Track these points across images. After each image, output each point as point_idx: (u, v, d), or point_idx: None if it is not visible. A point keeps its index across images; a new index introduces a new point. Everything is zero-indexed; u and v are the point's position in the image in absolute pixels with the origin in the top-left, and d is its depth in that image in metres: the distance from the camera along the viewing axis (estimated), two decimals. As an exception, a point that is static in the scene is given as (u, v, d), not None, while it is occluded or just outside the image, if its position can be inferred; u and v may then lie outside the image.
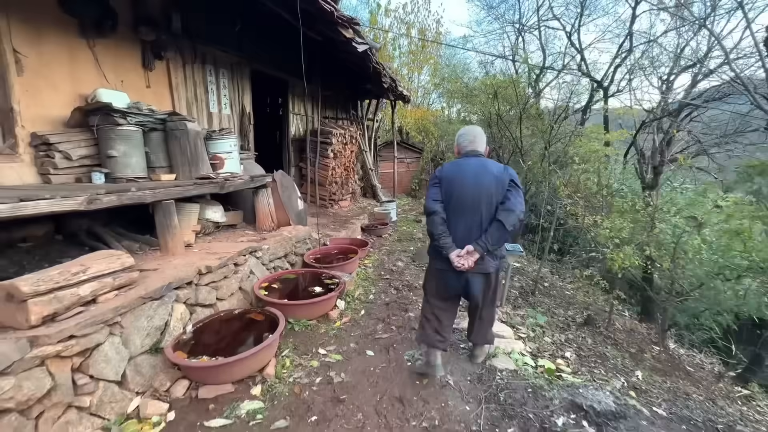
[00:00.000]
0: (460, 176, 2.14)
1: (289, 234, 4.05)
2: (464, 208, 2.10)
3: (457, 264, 2.07)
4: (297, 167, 7.16)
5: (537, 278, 4.81)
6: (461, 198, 2.10)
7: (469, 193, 2.09)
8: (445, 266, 2.17)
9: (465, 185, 2.10)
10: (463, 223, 2.11)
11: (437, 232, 2.13)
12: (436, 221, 2.13)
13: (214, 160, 3.85)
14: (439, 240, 2.13)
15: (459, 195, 2.11)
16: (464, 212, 2.11)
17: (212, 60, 4.85)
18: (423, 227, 6.98)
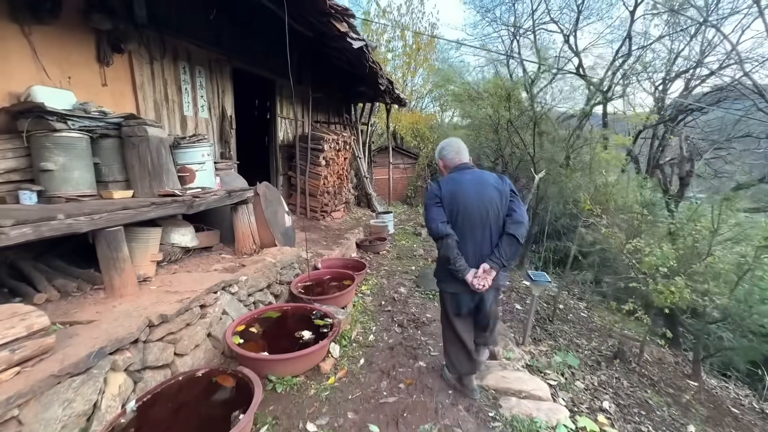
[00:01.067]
0: (462, 192, 2.03)
1: (272, 259, 3.43)
2: (472, 226, 2.02)
3: (478, 286, 1.96)
4: (285, 176, 6.55)
5: (556, 305, 4.27)
6: (467, 215, 2.01)
7: (475, 209, 2.01)
8: (458, 289, 2.09)
9: (469, 202, 2.01)
10: (472, 241, 2.03)
11: (453, 255, 1.99)
12: (451, 245, 1.98)
13: (182, 173, 3.23)
14: (455, 264, 1.99)
15: (465, 213, 2.01)
16: (473, 230, 2.02)
17: (186, 55, 4.23)
18: (423, 241, 6.43)
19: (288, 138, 6.56)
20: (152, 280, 2.65)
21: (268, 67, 5.68)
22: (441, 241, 2.01)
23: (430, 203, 2.10)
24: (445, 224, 2.01)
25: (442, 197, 2.05)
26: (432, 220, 2.04)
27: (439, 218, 2.03)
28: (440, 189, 2.08)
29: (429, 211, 2.08)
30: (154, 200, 2.57)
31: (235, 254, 3.63)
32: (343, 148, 7.09)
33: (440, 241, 2.02)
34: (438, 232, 2.01)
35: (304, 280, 3.66)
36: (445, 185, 2.08)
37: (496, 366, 2.56)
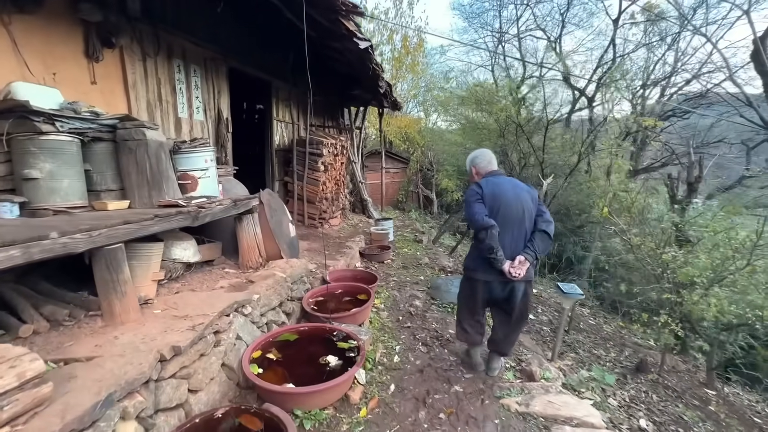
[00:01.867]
0: (503, 193, 2.31)
1: (282, 273, 3.16)
2: (511, 222, 2.28)
3: (515, 274, 2.22)
4: (282, 182, 6.25)
5: (572, 314, 4.14)
6: (507, 213, 2.28)
7: (513, 208, 2.29)
8: (492, 277, 2.33)
9: (509, 201, 2.30)
10: (510, 236, 2.28)
11: (496, 245, 2.22)
12: (495, 235, 2.22)
13: (183, 180, 2.94)
14: (496, 253, 2.22)
15: (505, 210, 2.28)
16: (511, 226, 2.28)
17: (181, 53, 3.92)
18: (426, 249, 6.24)
19: (284, 142, 6.26)
20: (154, 302, 2.34)
21: (264, 68, 5.40)
22: (485, 232, 2.22)
23: (471, 200, 2.33)
24: (489, 218, 2.25)
25: (484, 195, 2.31)
26: (476, 213, 2.26)
27: (483, 212, 2.27)
28: (481, 189, 2.34)
29: (472, 206, 2.31)
30: (158, 212, 2.27)
31: (239, 268, 3.33)
32: (341, 152, 6.85)
33: (484, 232, 2.22)
34: (483, 224, 2.23)
35: (316, 296, 3.40)
36: (486, 186, 2.34)
37: (537, 389, 2.38)
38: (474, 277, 2.41)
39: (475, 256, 2.41)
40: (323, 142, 6.03)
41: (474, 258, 2.43)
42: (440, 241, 7.43)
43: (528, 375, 2.59)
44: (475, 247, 2.42)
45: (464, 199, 2.47)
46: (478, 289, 2.41)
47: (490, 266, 2.27)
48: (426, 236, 6.83)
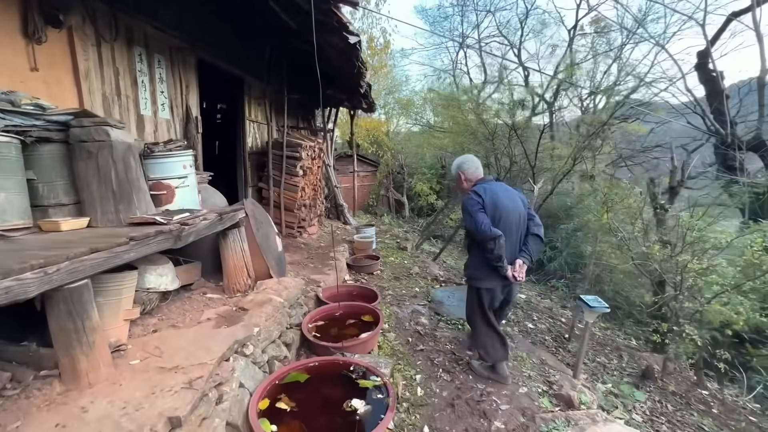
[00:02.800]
0: (499, 201, 2.35)
1: (277, 296, 2.72)
2: (510, 229, 2.34)
3: (519, 278, 2.33)
4: (255, 188, 5.69)
5: (574, 323, 4.05)
6: (506, 220, 2.33)
7: (512, 215, 2.36)
8: (494, 284, 2.40)
9: (508, 209, 2.35)
10: (509, 242, 2.32)
11: (503, 253, 2.26)
12: (503, 245, 2.24)
13: (157, 190, 2.42)
14: (502, 261, 2.27)
15: (505, 218, 2.33)
16: (510, 233, 2.33)
17: (143, 39, 3.34)
18: (413, 257, 5.97)
19: (257, 145, 5.72)
20: (128, 348, 1.84)
21: (237, 62, 4.86)
22: (494, 242, 2.23)
23: (475, 209, 2.32)
24: (495, 228, 2.27)
25: (485, 205, 2.32)
26: (482, 224, 2.27)
27: (488, 221, 2.28)
28: (482, 197, 2.34)
29: (476, 216, 2.30)
30: (132, 233, 1.77)
31: (223, 292, 2.85)
32: (318, 155, 6.41)
33: (493, 242, 2.23)
34: (492, 234, 2.24)
35: (315, 319, 2.99)
36: (485, 195, 2.36)
37: (583, 418, 2.17)
38: (482, 286, 2.43)
39: (480, 264, 2.40)
40: (302, 144, 5.58)
41: (479, 266, 2.42)
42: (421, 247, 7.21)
43: (566, 401, 2.38)
44: (477, 255, 2.41)
45: (464, 208, 2.42)
46: (486, 298, 2.44)
47: (495, 273, 2.34)
48: (410, 243, 6.57)
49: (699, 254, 3.41)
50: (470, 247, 2.55)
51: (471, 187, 2.49)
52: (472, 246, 2.51)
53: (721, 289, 3.20)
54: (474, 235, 2.36)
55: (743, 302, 3.13)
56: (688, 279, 3.42)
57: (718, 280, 3.22)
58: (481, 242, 2.31)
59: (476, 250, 2.41)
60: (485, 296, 2.43)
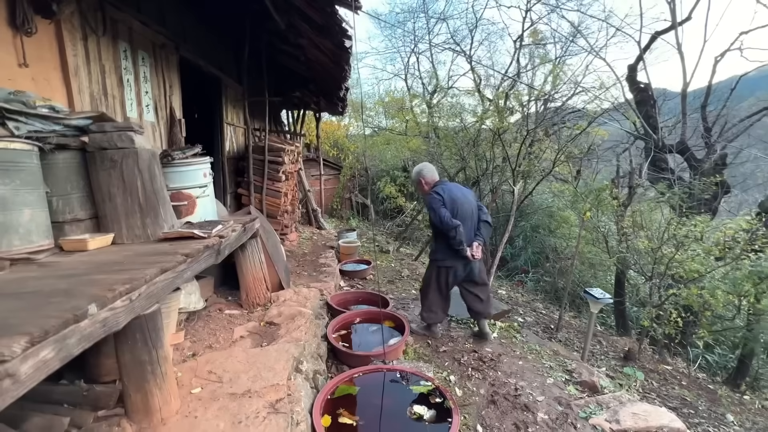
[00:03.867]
0: (458, 198, 2.90)
1: (305, 308, 2.63)
2: (466, 219, 2.87)
3: (477, 256, 2.91)
4: (234, 195, 5.38)
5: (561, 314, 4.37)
6: (463, 212, 2.88)
7: (467, 208, 2.92)
8: (455, 263, 2.94)
9: (463, 203, 2.90)
10: (465, 229, 2.85)
11: (463, 238, 2.80)
12: (463, 232, 2.80)
13: (177, 201, 2.23)
14: (462, 246, 2.80)
15: (461, 210, 2.87)
16: (466, 222, 2.86)
17: (127, 35, 3.04)
18: (398, 260, 6.01)
19: (234, 149, 5.41)
20: (178, 376, 1.67)
21: (216, 63, 4.59)
22: (455, 230, 2.75)
23: (438, 206, 2.81)
24: (454, 218, 2.78)
25: (445, 201, 2.82)
26: (445, 217, 2.77)
27: (449, 215, 2.78)
28: (441, 195, 2.85)
29: (440, 211, 2.79)
30: (186, 250, 1.62)
31: (241, 307, 2.68)
32: (297, 159, 6.24)
33: (454, 230, 2.75)
34: (453, 224, 2.75)
35: (337, 328, 2.92)
36: (444, 193, 2.87)
37: (612, 401, 2.36)
38: (445, 265, 2.97)
39: (445, 249, 2.93)
40: (284, 149, 5.39)
41: (442, 251, 2.96)
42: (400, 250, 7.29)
43: (590, 386, 2.58)
44: (442, 242, 2.94)
45: (429, 206, 2.94)
46: (449, 275, 3.00)
47: (456, 254, 2.87)
48: (391, 246, 6.61)
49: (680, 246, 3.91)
50: (435, 235, 3.09)
51: (430, 189, 2.98)
52: (437, 234, 3.02)
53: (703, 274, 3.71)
54: (439, 227, 2.85)
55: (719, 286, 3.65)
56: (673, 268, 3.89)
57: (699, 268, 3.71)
58: (445, 232, 2.81)
59: (441, 238, 2.94)
60: (447, 273, 3.00)
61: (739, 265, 3.81)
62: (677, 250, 3.82)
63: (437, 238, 3.01)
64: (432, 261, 3.08)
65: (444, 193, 2.86)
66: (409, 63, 22.08)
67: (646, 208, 5.13)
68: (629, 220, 5.26)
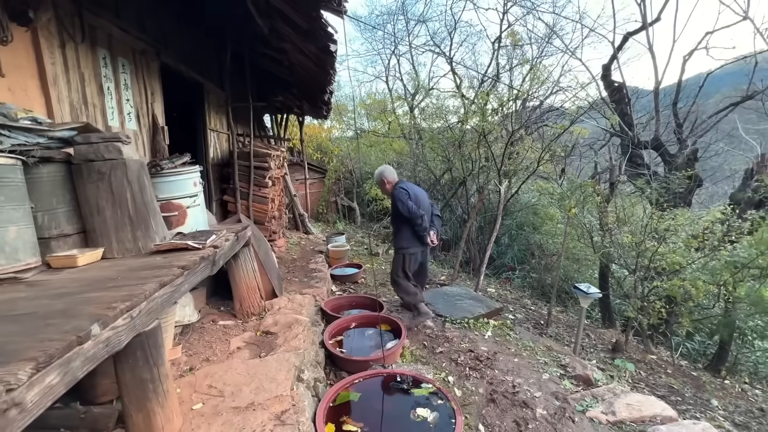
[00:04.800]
0: (420, 194, 3.40)
1: (297, 314, 2.60)
2: (426, 212, 3.28)
3: (435, 241, 3.45)
4: (219, 203, 5.27)
5: (551, 309, 4.46)
6: (424, 205, 3.31)
7: (426, 203, 3.38)
8: (417, 250, 3.37)
9: (422, 199, 3.37)
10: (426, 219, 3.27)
11: (427, 225, 3.27)
12: (427, 219, 3.28)
13: (167, 212, 2.17)
14: (427, 231, 3.27)
15: (423, 205, 3.30)
16: (426, 213, 3.27)
17: (106, 41, 2.95)
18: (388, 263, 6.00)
19: (219, 156, 5.32)
20: (178, 391, 1.63)
21: (198, 68, 4.50)
22: (421, 219, 3.17)
23: (405, 198, 3.21)
24: (419, 209, 3.19)
25: (410, 195, 3.24)
26: (413, 207, 3.17)
27: (416, 206, 3.19)
28: (407, 191, 3.27)
29: (408, 203, 3.18)
30: (181, 263, 1.58)
31: (235, 317, 2.64)
32: (283, 164, 6.17)
33: (420, 219, 3.17)
34: (419, 214, 3.17)
35: (332, 334, 2.90)
36: (409, 189, 3.31)
37: (606, 393, 2.43)
38: (410, 252, 3.35)
39: (408, 236, 3.32)
40: (270, 154, 5.32)
41: (408, 238, 3.32)
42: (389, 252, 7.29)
43: (584, 380, 2.65)
44: (407, 230, 3.31)
45: (397, 198, 3.26)
46: (414, 260, 3.39)
47: (418, 241, 3.30)
48: (380, 248, 6.60)
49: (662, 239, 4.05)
50: (399, 227, 3.40)
51: (393, 187, 3.40)
52: (401, 226, 3.37)
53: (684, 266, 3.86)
54: (407, 216, 3.21)
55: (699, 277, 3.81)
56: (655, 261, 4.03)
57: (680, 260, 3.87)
58: (413, 220, 3.20)
59: (405, 227, 3.31)
60: (411, 260, 3.37)
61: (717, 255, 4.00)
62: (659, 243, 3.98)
63: (402, 228, 3.36)
64: (398, 250, 3.42)
65: (408, 189, 3.30)
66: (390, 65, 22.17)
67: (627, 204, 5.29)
68: (612, 216, 5.42)
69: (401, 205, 3.22)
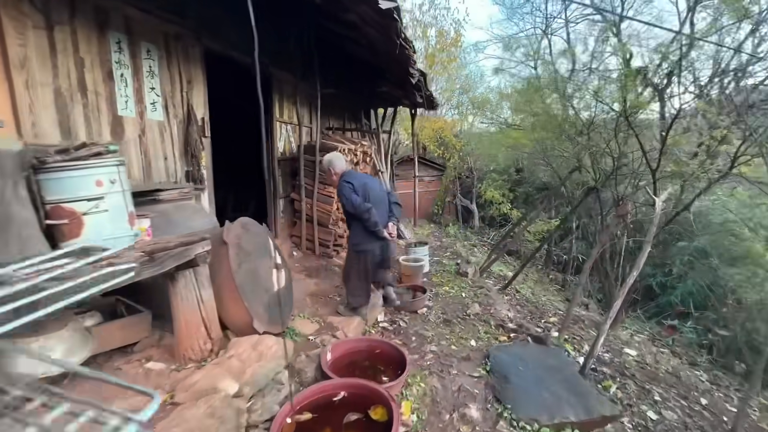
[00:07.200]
0: (369, 184, 3.13)
1: (232, 381, 1.78)
2: (378, 202, 3.07)
3: (393, 234, 3.23)
4: (287, 199, 4.97)
5: (738, 424, 2.46)
6: (374, 196, 3.07)
7: (378, 193, 3.17)
8: (373, 246, 3.11)
9: (373, 188, 3.13)
10: (380, 211, 3.07)
11: (376, 219, 2.97)
12: (375, 213, 2.96)
13: (56, 218, 1.65)
14: (377, 226, 3.00)
15: (373, 195, 3.07)
16: (378, 205, 3.05)
17: (123, 25, 2.73)
18: (475, 287, 4.66)
19: (290, 149, 4.99)
20: None
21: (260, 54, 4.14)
22: (368, 213, 2.92)
23: (348, 193, 2.96)
24: (365, 202, 2.95)
25: (355, 188, 2.99)
26: (357, 201, 2.94)
27: (360, 200, 2.95)
28: (352, 183, 3.00)
29: (351, 197, 2.95)
30: None
31: (174, 358, 2.01)
32: (363, 160, 5.48)
33: (367, 213, 2.91)
34: (365, 208, 2.92)
35: (300, 408, 1.98)
36: (354, 180, 3.03)
37: None
38: (364, 249, 3.09)
39: (360, 232, 3.07)
40: (338, 147, 4.69)
41: (359, 234, 3.09)
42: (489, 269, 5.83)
43: None
44: (357, 226, 3.07)
45: (341, 192, 3.03)
46: (369, 258, 3.11)
47: (372, 236, 3.05)
48: (472, 266, 5.27)
49: None
50: (350, 223, 3.17)
51: (339, 178, 3.09)
52: (351, 221, 3.12)
53: None
54: (352, 212, 2.97)
55: None
56: None
57: None
58: (359, 215, 2.93)
59: (355, 223, 3.05)
60: (367, 257, 3.09)
61: None
62: None
63: (352, 224, 3.13)
64: (350, 247, 3.22)
65: (354, 180, 3.01)
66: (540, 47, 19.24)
67: None
68: None
69: (344, 199, 3.01)
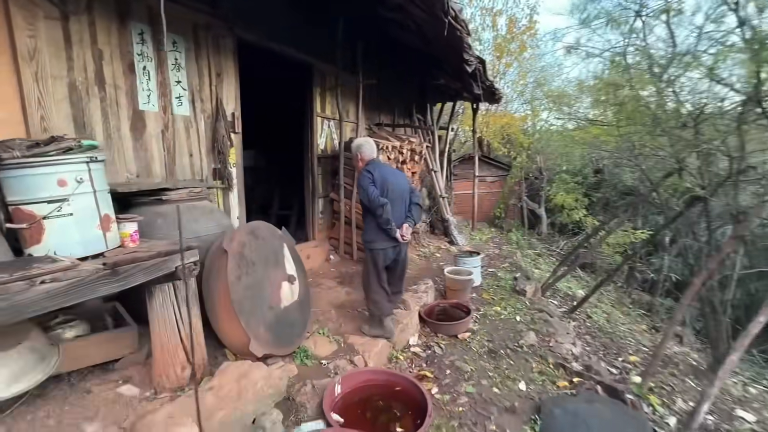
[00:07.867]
0: (390, 177, 2.82)
1: (188, 423, 1.45)
2: (396, 199, 2.78)
3: (407, 237, 2.82)
4: (327, 199, 4.69)
5: None
6: (393, 192, 2.78)
7: (398, 189, 2.83)
8: (386, 245, 2.78)
9: (394, 183, 2.81)
10: (397, 209, 2.77)
11: (390, 217, 2.66)
12: (389, 210, 2.66)
13: (18, 222, 1.46)
14: (390, 224, 2.67)
15: (392, 190, 2.78)
16: (396, 202, 2.78)
17: (145, 14, 2.59)
18: (534, 310, 3.93)
19: (332, 146, 4.70)
20: None
21: (300, 44, 3.89)
22: (382, 208, 2.64)
23: (367, 183, 2.71)
24: (382, 197, 2.67)
25: (375, 179, 2.73)
26: (373, 193, 2.67)
27: (377, 192, 2.68)
28: (371, 174, 2.75)
29: (369, 189, 2.68)
30: None
31: (151, 384, 1.76)
32: (410, 158, 5.01)
33: (381, 209, 2.64)
34: (380, 202, 2.64)
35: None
36: (375, 171, 2.77)
37: None
38: (376, 247, 2.79)
39: (373, 229, 2.78)
40: (381, 145, 4.28)
41: (371, 231, 2.80)
42: (554, 286, 5.00)
43: None
44: (371, 222, 2.78)
45: (359, 183, 2.83)
46: (380, 258, 2.80)
47: (386, 236, 2.73)
48: (532, 284, 4.52)
49: None
50: (365, 217, 2.91)
51: (364, 166, 2.85)
52: (365, 215, 2.87)
53: None
54: (368, 204, 2.73)
55: None
56: None
57: None
58: (373, 210, 2.69)
59: (370, 218, 2.80)
60: (380, 256, 2.80)
61: None
62: None
63: (366, 218, 2.91)
64: (365, 245, 2.93)
65: (375, 171, 2.80)
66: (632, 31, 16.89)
67: None
68: None
69: (360, 190, 2.82)
